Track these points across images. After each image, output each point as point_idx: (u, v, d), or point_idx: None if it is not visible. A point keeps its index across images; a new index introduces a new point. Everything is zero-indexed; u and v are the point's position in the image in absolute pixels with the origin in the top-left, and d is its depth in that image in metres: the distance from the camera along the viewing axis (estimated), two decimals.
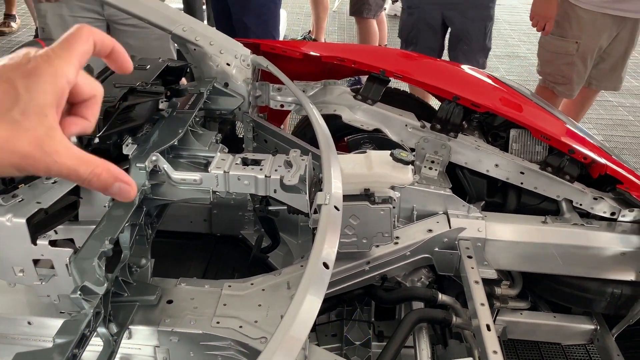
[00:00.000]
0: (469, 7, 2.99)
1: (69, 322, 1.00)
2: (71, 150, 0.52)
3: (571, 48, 2.88)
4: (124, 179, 0.56)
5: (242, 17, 2.99)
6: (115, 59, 0.59)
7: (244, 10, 3.00)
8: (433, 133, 1.76)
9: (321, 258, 1.02)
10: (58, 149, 0.51)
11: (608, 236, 1.61)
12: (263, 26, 2.99)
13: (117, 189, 0.55)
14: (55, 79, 0.51)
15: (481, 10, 3.01)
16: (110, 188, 0.55)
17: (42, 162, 0.50)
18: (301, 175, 1.29)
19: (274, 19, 3.09)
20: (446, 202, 1.64)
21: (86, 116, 0.56)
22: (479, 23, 3.02)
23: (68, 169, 0.52)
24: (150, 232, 1.38)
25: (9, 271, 1.08)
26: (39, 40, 1.42)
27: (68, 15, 2.54)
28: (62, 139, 0.52)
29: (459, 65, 2.23)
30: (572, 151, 1.67)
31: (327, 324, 1.66)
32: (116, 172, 0.55)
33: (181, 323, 1.22)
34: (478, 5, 3.00)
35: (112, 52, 0.58)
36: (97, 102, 0.57)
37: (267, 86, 1.90)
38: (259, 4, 2.98)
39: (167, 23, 1.69)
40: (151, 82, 1.43)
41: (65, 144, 0.52)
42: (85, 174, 0.53)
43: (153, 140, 1.36)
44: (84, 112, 0.56)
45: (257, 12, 3.00)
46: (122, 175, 0.56)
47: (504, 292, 1.67)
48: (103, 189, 0.55)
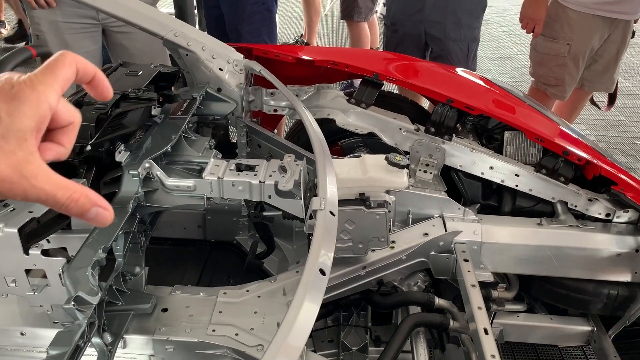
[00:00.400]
0: (451, 26, 2.88)
1: (63, 333, 0.99)
2: (49, 176, 0.52)
3: (563, 50, 2.89)
4: (102, 204, 0.56)
5: (236, 26, 2.97)
6: (96, 86, 0.59)
7: (237, 19, 2.97)
8: (427, 136, 1.76)
9: (317, 265, 1.01)
10: (37, 173, 0.51)
11: (603, 237, 1.61)
12: (257, 34, 2.96)
13: (95, 214, 0.55)
14: (37, 104, 0.51)
15: (464, 31, 2.90)
16: (87, 213, 0.55)
17: (20, 186, 0.50)
18: (296, 180, 1.29)
19: (269, 27, 3.05)
20: (442, 205, 1.63)
21: (62, 142, 0.56)
22: (461, 44, 2.92)
23: (46, 193, 0.52)
24: (144, 239, 1.37)
25: (1, 282, 1.07)
26: (29, 47, 1.41)
27: (62, 21, 2.52)
28: (40, 164, 0.52)
29: (452, 68, 2.23)
30: (567, 153, 1.68)
31: (324, 330, 1.65)
32: (94, 198, 0.55)
33: (176, 331, 1.21)
34: (461, 25, 2.89)
35: (94, 79, 0.59)
36: (74, 129, 0.57)
37: (260, 91, 1.89)
38: (252, 11, 2.95)
39: (159, 28, 1.68)
40: (143, 89, 1.42)
41: (44, 168, 0.52)
42: (62, 199, 0.53)
43: (146, 147, 1.35)
44: (61, 139, 0.56)
45: (250, 20, 2.97)
46: (100, 200, 0.56)
47: (501, 295, 1.66)
48: (80, 214, 0.55)
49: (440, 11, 2.87)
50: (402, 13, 3.00)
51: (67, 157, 0.57)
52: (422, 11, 2.89)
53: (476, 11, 2.94)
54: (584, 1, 2.78)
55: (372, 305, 1.60)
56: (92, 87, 0.59)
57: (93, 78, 0.58)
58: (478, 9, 2.95)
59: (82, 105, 1.29)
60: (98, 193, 1.26)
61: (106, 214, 0.56)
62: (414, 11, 2.92)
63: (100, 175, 1.30)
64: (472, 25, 2.93)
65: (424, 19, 2.91)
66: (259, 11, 2.97)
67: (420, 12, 2.90)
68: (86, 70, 0.57)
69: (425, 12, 2.88)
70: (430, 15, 2.88)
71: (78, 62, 0.56)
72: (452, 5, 2.85)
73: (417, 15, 2.92)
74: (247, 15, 2.94)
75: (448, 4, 2.85)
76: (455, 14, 2.86)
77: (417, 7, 2.90)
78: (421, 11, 2.90)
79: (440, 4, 2.85)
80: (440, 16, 2.87)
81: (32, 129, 0.51)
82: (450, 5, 2.85)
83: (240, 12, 2.93)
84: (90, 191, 0.55)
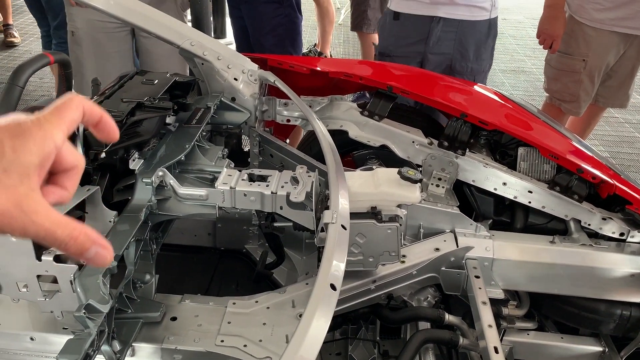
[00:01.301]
0: (458, 58, 2.57)
1: (73, 341, 0.99)
2: (50, 212, 0.52)
3: (578, 66, 2.88)
4: (102, 243, 0.55)
5: (259, 39, 2.96)
6: (102, 128, 0.59)
7: (261, 32, 2.96)
8: (440, 150, 1.75)
9: (329, 279, 1.01)
10: (37, 209, 0.51)
11: (617, 257, 1.59)
12: (281, 46, 2.94)
13: (94, 253, 0.54)
14: (43, 141, 0.51)
15: (471, 64, 2.60)
16: (87, 252, 0.54)
17: (20, 221, 0.50)
18: (308, 192, 1.29)
19: (293, 39, 3.02)
20: (453, 220, 1.62)
21: (65, 186, 0.56)
22: (467, 76, 2.61)
23: (45, 230, 0.51)
24: (155, 247, 1.37)
25: (12, 287, 1.07)
26: (47, 54, 1.42)
27: (97, 20, 2.59)
28: (41, 201, 0.52)
29: (466, 83, 2.23)
30: (581, 170, 1.66)
31: (332, 343, 1.64)
32: (94, 236, 0.54)
33: (185, 341, 1.21)
34: (468, 58, 2.58)
35: (100, 121, 0.59)
36: (77, 173, 0.57)
37: (274, 101, 1.90)
38: (275, 24, 2.93)
39: (176, 37, 1.69)
40: (159, 97, 1.43)
41: (44, 205, 0.52)
42: (62, 236, 0.52)
43: (160, 155, 1.36)
44: (64, 182, 0.56)
45: (273, 32, 2.95)
46: (99, 239, 0.55)
47: (511, 312, 1.65)
48: (79, 253, 0.54)
49: (447, 42, 2.58)
50: (399, 41, 2.66)
51: (68, 201, 0.57)
52: (424, 42, 2.60)
53: (486, 41, 2.64)
54: (601, 17, 2.77)
55: (381, 319, 1.58)
56: (99, 130, 0.60)
57: (99, 121, 0.59)
58: (489, 39, 2.64)
59: None
60: (111, 200, 1.27)
61: (105, 253, 0.55)
62: (414, 41, 2.62)
63: (113, 182, 1.31)
64: (480, 57, 2.64)
65: (426, 50, 2.61)
66: (282, 23, 2.96)
67: (422, 43, 2.60)
68: (92, 112, 0.58)
69: (429, 42, 2.59)
70: (434, 46, 2.59)
71: (85, 105, 0.57)
72: (460, 35, 2.57)
73: (418, 46, 2.62)
74: (270, 29, 2.93)
75: (456, 34, 2.57)
76: (463, 44, 2.59)
77: (419, 37, 2.60)
78: (424, 42, 2.60)
79: (447, 35, 2.57)
80: (445, 47, 2.59)
81: (36, 166, 0.51)
82: (457, 36, 2.57)
83: (264, 25, 2.93)
84: (90, 229, 0.54)
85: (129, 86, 1.49)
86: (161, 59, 2.73)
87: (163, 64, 2.70)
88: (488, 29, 2.61)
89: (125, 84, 1.50)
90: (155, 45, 2.70)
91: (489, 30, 2.62)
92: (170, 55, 2.70)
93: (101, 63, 2.66)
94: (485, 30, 2.60)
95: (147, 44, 2.74)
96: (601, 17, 2.78)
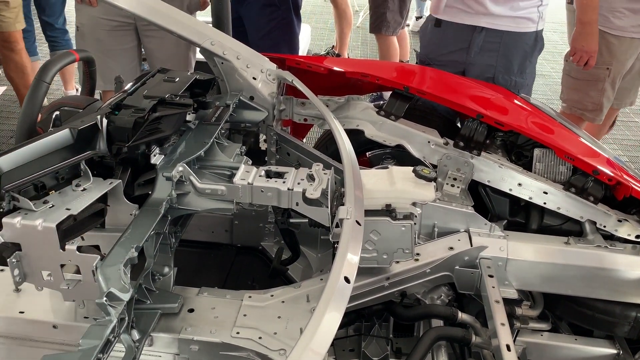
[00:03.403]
0: (501, 71, 2.43)
1: (95, 327, 1.02)
2: None
3: (602, 75, 2.86)
4: None
5: (256, 41, 2.99)
6: None
7: (258, 34, 2.98)
8: (456, 150, 1.76)
9: (342, 272, 1.03)
10: None
11: (633, 259, 1.59)
12: (276, 48, 2.89)
13: None
14: None
15: (514, 77, 2.46)
16: None
17: None
18: (323, 189, 1.31)
19: (289, 41, 3.03)
20: (468, 220, 1.63)
21: None
22: (509, 89, 2.35)
23: None
24: (173, 241, 1.41)
25: (37, 275, 1.11)
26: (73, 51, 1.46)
27: (101, 17, 2.68)
28: None
29: (482, 83, 2.23)
30: (597, 172, 1.66)
31: (345, 339, 1.66)
32: None
33: (201, 332, 1.23)
34: (512, 71, 2.45)
35: None
36: None
37: (292, 100, 1.92)
38: (271, 27, 2.93)
39: (197, 37, 1.73)
40: (180, 95, 1.47)
41: None
42: None
43: (180, 151, 1.39)
44: None
45: (270, 35, 2.97)
46: None
47: (525, 313, 1.65)
48: None
49: (490, 53, 2.43)
50: (440, 49, 2.54)
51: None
52: (466, 51, 2.46)
53: (532, 54, 2.49)
54: (624, 25, 2.77)
55: (394, 316, 1.60)
56: None
57: None
58: (535, 52, 2.49)
59: (120, 109, 1.34)
60: (132, 193, 1.30)
61: None
62: (455, 49, 2.49)
63: (135, 176, 1.34)
64: (525, 70, 2.47)
65: (467, 60, 2.47)
66: (279, 26, 2.97)
67: (464, 52, 2.47)
68: None
69: (471, 52, 2.45)
70: (476, 56, 2.45)
71: None
72: (504, 47, 2.41)
73: (459, 55, 2.48)
74: (266, 32, 2.95)
75: (500, 45, 2.42)
76: (507, 57, 2.43)
77: (460, 46, 2.47)
78: (465, 50, 2.46)
79: (490, 45, 2.42)
80: (488, 58, 2.44)
81: None
82: (501, 47, 2.42)
83: (260, 28, 2.95)
84: None
85: (151, 83, 1.53)
86: (161, 58, 2.79)
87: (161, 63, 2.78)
88: (534, 41, 2.46)
89: (148, 81, 1.54)
90: (159, 44, 2.76)
91: (535, 43, 2.47)
92: (173, 55, 2.78)
93: (103, 59, 2.66)
94: (531, 43, 2.45)
95: (146, 42, 2.81)
96: (623, 24, 2.77)
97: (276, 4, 2.96)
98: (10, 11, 3.31)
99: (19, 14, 3.39)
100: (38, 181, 1.13)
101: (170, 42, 2.70)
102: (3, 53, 3.47)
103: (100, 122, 1.27)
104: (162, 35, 2.61)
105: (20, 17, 3.42)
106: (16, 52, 3.45)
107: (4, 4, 3.28)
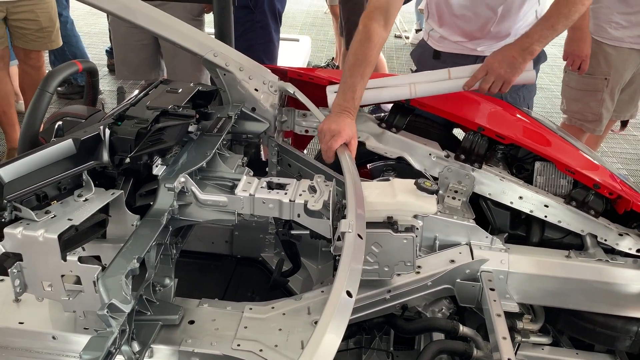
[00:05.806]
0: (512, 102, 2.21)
1: (96, 339, 1.01)
2: None
3: (600, 85, 2.88)
4: None
5: None
6: None
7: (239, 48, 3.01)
8: (457, 163, 1.76)
9: (344, 287, 1.02)
10: None
11: (633, 273, 1.58)
12: (252, 51, 2.78)
13: None
14: None
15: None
16: None
17: None
18: (325, 200, 1.31)
19: (265, 45, 3.02)
20: (469, 233, 1.63)
21: None
22: None
23: None
24: (174, 252, 1.40)
25: (37, 286, 1.11)
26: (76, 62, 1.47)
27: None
28: None
29: (483, 96, 2.24)
30: (597, 186, 1.66)
31: (346, 352, 1.65)
32: None
33: (202, 344, 1.22)
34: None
35: None
36: None
37: (293, 112, 1.93)
38: (246, 28, 2.93)
39: (199, 48, 1.73)
40: (182, 106, 1.47)
41: None
42: None
43: (182, 162, 1.39)
44: None
45: (244, 37, 2.94)
46: None
47: (526, 326, 1.64)
48: None
49: None
50: None
51: None
52: None
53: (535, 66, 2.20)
54: (620, 36, 2.79)
55: (395, 329, 1.59)
56: None
57: None
58: (537, 64, 2.28)
59: (123, 119, 1.35)
60: (134, 204, 1.31)
61: None
62: None
63: (137, 187, 1.34)
64: (530, 95, 2.40)
65: None
66: (253, 29, 2.95)
67: None
68: None
69: None
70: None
71: None
72: None
73: None
74: (240, 33, 2.91)
75: None
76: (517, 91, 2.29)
77: None
78: None
79: None
80: None
81: None
82: None
83: (235, 29, 2.95)
84: None
85: (154, 94, 1.54)
86: (179, 72, 2.84)
87: (187, 66, 2.85)
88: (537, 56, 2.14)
89: (150, 92, 1.54)
90: (175, 57, 2.81)
91: (538, 58, 2.14)
92: (186, 68, 2.85)
93: (124, 52, 2.95)
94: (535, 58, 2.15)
95: (166, 56, 2.85)
96: (620, 35, 2.79)
97: (250, 6, 2.94)
98: (43, 31, 3.34)
99: (51, 34, 3.42)
100: (40, 191, 1.13)
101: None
102: (23, 67, 3.50)
103: (103, 133, 1.27)
104: None
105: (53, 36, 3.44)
106: (36, 69, 3.49)
107: (34, 22, 3.30)
